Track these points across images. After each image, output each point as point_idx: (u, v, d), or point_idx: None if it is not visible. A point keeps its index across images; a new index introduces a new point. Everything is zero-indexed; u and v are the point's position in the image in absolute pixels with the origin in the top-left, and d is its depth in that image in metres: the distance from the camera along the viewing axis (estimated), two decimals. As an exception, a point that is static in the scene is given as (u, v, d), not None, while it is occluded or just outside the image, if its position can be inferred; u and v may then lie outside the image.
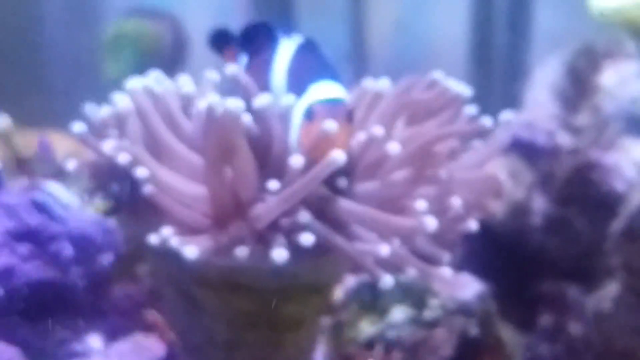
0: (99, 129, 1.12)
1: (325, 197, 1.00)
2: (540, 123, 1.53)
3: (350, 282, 1.36)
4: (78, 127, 1.09)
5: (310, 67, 1.09)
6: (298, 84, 1.04)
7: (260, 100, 0.98)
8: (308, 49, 1.11)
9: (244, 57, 1.20)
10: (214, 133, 0.98)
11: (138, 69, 2.49)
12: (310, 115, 0.99)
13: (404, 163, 1.03)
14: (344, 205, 1.00)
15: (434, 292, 1.34)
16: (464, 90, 1.14)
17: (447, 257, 1.11)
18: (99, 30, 2.55)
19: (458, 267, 1.52)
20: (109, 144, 1.03)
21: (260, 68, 1.14)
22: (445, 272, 1.08)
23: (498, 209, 1.50)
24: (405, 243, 1.04)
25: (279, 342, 1.16)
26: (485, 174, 1.15)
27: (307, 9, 2.78)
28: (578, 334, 1.48)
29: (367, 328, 1.32)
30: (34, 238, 1.22)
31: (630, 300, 1.37)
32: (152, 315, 1.36)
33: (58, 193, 1.30)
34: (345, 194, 1.02)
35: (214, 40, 1.25)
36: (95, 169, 1.14)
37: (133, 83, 1.10)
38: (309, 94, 1.01)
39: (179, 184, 1.02)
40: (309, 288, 1.14)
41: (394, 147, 1.00)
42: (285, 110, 1.01)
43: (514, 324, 1.49)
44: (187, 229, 1.00)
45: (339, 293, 1.37)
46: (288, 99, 1.00)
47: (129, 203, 1.12)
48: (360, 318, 1.33)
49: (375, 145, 1.02)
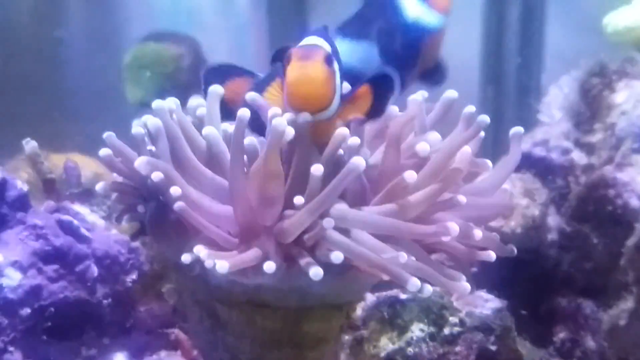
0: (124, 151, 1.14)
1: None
2: (555, 141, 1.55)
3: (370, 299, 1.38)
4: (104, 151, 1.12)
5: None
6: None
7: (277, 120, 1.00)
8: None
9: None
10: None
11: (157, 92, 2.52)
12: (289, 58, 1.01)
13: (422, 183, 1.05)
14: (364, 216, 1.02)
15: (453, 308, 1.35)
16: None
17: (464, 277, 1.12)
18: (120, 54, 2.57)
19: (475, 283, 1.54)
20: (142, 161, 1.04)
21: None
22: (465, 286, 1.09)
23: (514, 226, 1.51)
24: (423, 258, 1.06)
25: (302, 359, 1.18)
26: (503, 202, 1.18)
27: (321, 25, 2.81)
28: (593, 349, 1.49)
29: (386, 345, 1.33)
30: (60, 258, 1.24)
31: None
32: (176, 334, 1.37)
33: (83, 214, 1.33)
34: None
35: (213, 77, 1.25)
36: (121, 191, 1.17)
37: (158, 104, 1.11)
38: None
39: (206, 203, 1.04)
40: (332, 306, 1.15)
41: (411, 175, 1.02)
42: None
43: (531, 339, 1.50)
44: (214, 247, 1.02)
45: (359, 310, 1.38)
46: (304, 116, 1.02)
47: (154, 224, 1.14)
48: (380, 335, 1.34)
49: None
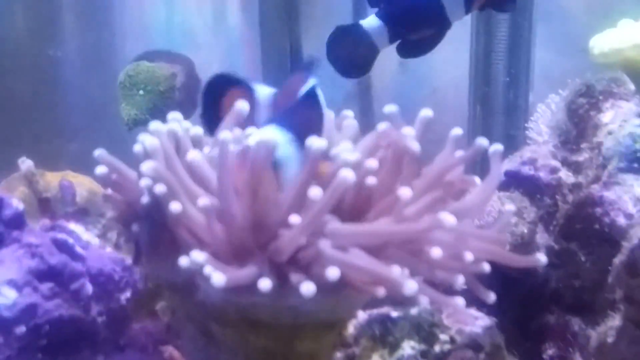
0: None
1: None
2: (543, 160, 1.57)
3: (362, 316, 1.39)
4: (100, 169, 1.13)
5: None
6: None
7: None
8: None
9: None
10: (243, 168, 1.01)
11: (151, 110, 2.53)
12: None
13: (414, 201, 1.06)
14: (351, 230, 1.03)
15: (443, 326, 1.36)
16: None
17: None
18: (114, 73, 2.59)
19: (465, 300, 1.55)
20: (148, 165, 1.05)
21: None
22: (459, 302, 1.10)
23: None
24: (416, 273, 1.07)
25: (295, 376, 1.19)
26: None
27: (313, 47, 2.83)
28: (582, 365, 1.51)
29: (378, 362, 1.35)
30: (56, 277, 1.25)
31: (632, 333, 1.39)
32: (170, 351, 1.38)
33: (78, 232, 1.34)
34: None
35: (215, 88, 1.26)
36: (116, 209, 1.18)
37: (155, 125, 1.12)
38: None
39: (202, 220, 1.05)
40: (324, 324, 1.16)
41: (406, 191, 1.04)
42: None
43: (520, 356, 1.51)
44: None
45: (351, 328, 1.39)
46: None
47: (148, 243, 1.15)
48: (372, 352, 1.36)
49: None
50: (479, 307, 1.45)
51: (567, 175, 1.56)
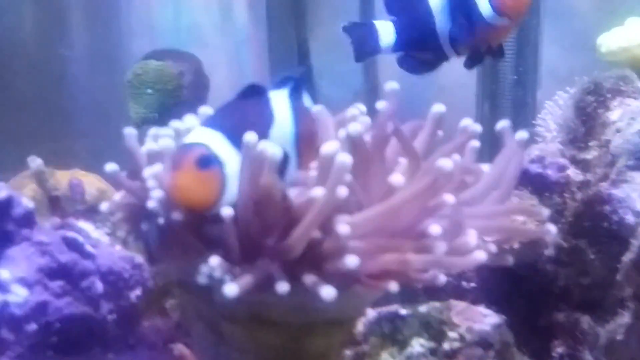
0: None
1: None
2: (551, 158, 1.57)
3: (371, 314, 1.39)
4: (110, 167, 1.14)
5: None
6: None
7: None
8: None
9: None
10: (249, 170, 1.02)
11: (159, 109, 2.54)
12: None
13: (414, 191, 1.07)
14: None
15: (452, 324, 1.36)
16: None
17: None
18: (123, 72, 2.59)
19: (474, 298, 1.56)
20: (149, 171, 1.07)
21: None
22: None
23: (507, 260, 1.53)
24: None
25: (304, 375, 1.20)
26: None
27: (320, 47, 2.83)
28: (591, 363, 1.51)
29: (387, 360, 1.35)
30: (66, 275, 1.25)
31: (641, 330, 1.39)
32: (180, 349, 1.39)
33: (88, 230, 1.34)
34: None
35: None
36: (126, 209, 1.18)
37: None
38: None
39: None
40: (334, 322, 1.17)
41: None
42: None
43: (529, 354, 1.51)
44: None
45: (360, 326, 1.39)
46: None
47: (158, 241, 1.15)
48: (381, 350, 1.36)
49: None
50: (488, 304, 1.46)
51: (575, 173, 1.56)
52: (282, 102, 1.18)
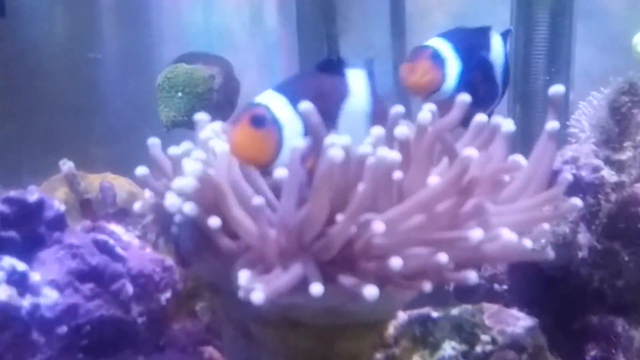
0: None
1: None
2: (585, 159, 1.55)
3: (402, 317, 1.38)
4: (140, 170, 1.13)
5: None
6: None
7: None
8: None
9: None
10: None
11: (189, 113, 2.55)
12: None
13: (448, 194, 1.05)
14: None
15: (485, 326, 1.35)
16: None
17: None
18: (153, 75, 2.60)
19: (506, 301, 1.54)
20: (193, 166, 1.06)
21: None
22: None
23: (544, 243, 1.51)
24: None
25: (335, 377, 1.19)
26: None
27: (350, 49, 2.83)
28: (626, 367, 1.49)
29: (419, 363, 1.34)
30: (96, 277, 1.26)
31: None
32: (210, 352, 1.38)
33: (119, 233, 1.35)
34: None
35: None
36: (157, 212, 1.18)
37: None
38: None
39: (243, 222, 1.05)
40: (365, 325, 1.16)
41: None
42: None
43: (563, 357, 1.50)
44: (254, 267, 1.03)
45: (391, 328, 1.38)
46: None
47: (188, 245, 1.15)
48: (412, 353, 1.34)
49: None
50: (521, 307, 1.44)
51: (609, 174, 1.54)
52: (359, 79, 1.19)
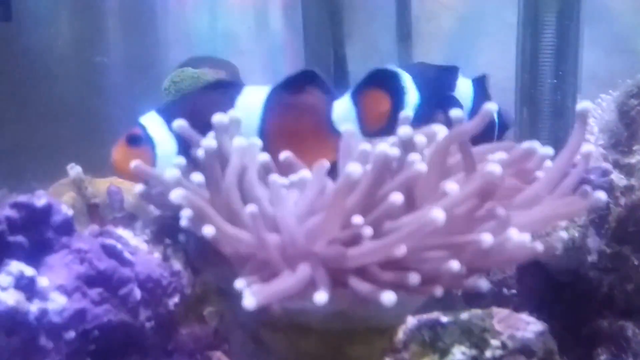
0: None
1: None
2: (594, 162, 1.55)
3: (411, 322, 1.37)
4: (139, 188, 1.17)
5: None
6: None
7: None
8: None
9: None
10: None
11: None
12: None
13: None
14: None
15: (494, 331, 1.34)
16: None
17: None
18: (159, 80, 2.61)
19: (516, 305, 1.53)
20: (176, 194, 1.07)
21: None
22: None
23: (554, 248, 1.50)
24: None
25: (344, 382, 1.18)
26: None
27: (357, 53, 2.83)
28: (636, 372, 1.48)
29: (428, 368, 1.33)
30: (104, 282, 1.25)
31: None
32: (218, 357, 1.38)
33: (126, 238, 1.34)
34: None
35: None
36: (162, 219, 1.19)
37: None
38: None
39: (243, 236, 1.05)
40: (375, 329, 1.16)
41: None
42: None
43: (572, 362, 1.50)
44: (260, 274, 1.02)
45: (400, 333, 1.38)
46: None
47: (196, 252, 1.15)
48: (421, 358, 1.34)
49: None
50: (531, 312, 1.43)
51: (619, 178, 1.53)
52: (255, 96, 1.28)
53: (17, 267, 1.15)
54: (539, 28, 2.38)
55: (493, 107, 1.09)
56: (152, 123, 1.24)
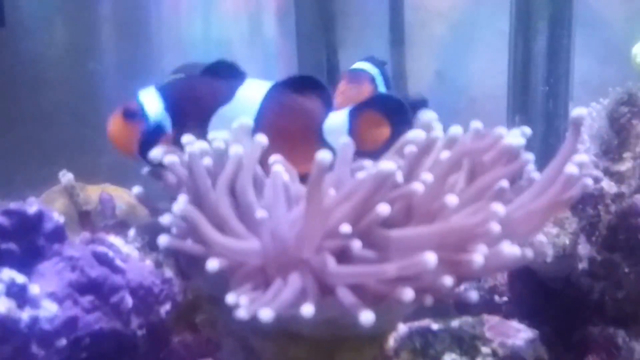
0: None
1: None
2: (585, 170, 1.55)
3: (402, 329, 1.38)
4: (136, 189, 1.16)
5: None
6: None
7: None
8: None
9: None
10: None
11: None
12: None
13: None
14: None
15: (485, 339, 1.34)
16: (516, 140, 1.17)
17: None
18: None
19: (506, 312, 1.54)
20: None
21: None
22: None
23: (545, 255, 1.50)
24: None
25: (335, 390, 1.18)
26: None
27: (350, 59, 2.83)
28: (627, 379, 1.48)
29: (418, 375, 1.33)
30: (96, 289, 1.25)
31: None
32: (209, 364, 1.38)
33: (118, 245, 1.34)
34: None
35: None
36: (154, 226, 1.18)
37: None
38: None
39: (233, 245, 1.05)
40: (365, 337, 1.16)
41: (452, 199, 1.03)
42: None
43: (563, 369, 1.50)
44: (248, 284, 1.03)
45: (391, 340, 1.38)
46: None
47: (188, 259, 1.15)
48: (412, 365, 1.35)
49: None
50: (521, 319, 1.44)
51: (609, 185, 1.53)
52: (257, 90, 1.28)
53: (8, 274, 1.15)
54: (531, 35, 2.39)
55: (503, 131, 1.13)
56: (150, 101, 1.30)
